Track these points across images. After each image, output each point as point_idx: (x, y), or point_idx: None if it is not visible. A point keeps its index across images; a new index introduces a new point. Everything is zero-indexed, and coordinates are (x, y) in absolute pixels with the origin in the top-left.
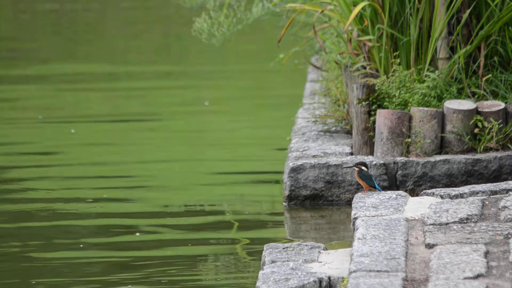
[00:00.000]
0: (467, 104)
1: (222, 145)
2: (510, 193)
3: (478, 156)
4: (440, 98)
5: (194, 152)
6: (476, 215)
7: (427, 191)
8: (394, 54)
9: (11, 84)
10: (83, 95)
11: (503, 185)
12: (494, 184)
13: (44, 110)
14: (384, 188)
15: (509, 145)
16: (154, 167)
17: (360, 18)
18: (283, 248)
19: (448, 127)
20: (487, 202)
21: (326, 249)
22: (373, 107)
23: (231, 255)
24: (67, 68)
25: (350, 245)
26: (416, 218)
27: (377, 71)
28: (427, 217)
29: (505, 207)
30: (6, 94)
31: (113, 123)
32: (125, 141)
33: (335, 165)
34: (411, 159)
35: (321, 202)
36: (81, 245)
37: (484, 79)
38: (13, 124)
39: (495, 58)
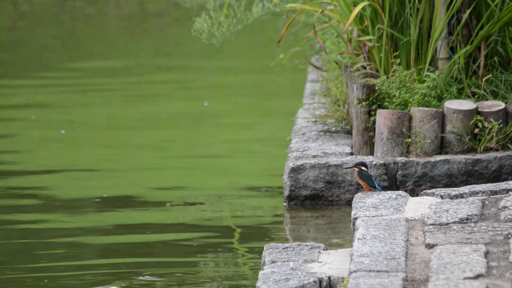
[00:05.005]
0: (467, 104)
1: (221, 145)
2: (510, 193)
3: (478, 156)
4: (440, 98)
5: (193, 152)
6: (476, 215)
7: (427, 191)
8: (394, 54)
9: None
10: (80, 94)
11: (503, 185)
12: (494, 184)
13: (39, 109)
14: (384, 188)
15: (509, 145)
16: (153, 167)
17: (360, 18)
18: (283, 248)
19: (448, 127)
20: (487, 202)
21: (326, 249)
22: (373, 107)
23: (231, 255)
24: (66, 67)
25: (350, 245)
26: (416, 218)
27: (377, 71)
28: (427, 217)
29: (505, 207)
30: (5, 92)
31: (110, 124)
32: (122, 142)
33: (335, 165)
34: (411, 159)
35: (321, 202)
36: (81, 244)
37: (484, 79)
38: (5, 123)
39: (495, 58)
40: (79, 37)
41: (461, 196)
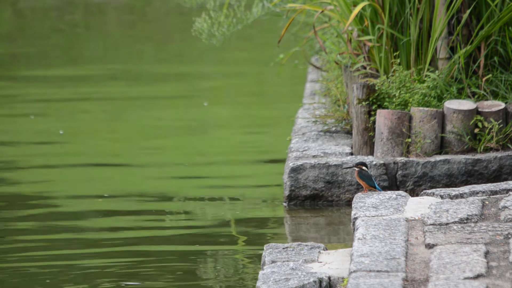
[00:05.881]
0: (467, 104)
1: (222, 145)
2: (510, 193)
3: (478, 156)
4: (440, 98)
5: (194, 153)
6: (476, 215)
7: (427, 191)
8: (394, 54)
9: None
10: (80, 94)
11: (503, 185)
12: (494, 184)
13: (37, 110)
14: (384, 188)
15: (509, 145)
16: (154, 166)
17: (360, 18)
18: (283, 248)
19: (448, 127)
20: (487, 202)
21: (326, 249)
22: (373, 107)
23: (231, 255)
24: (66, 68)
25: (350, 245)
26: (416, 218)
27: (377, 71)
28: (427, 217)
29: (505, 207)
30: (5, 92)
31: (108, 124)
32: (121, 142)
33: (335, 165)
34: (411, 159)
35: (321, 202)
36: (79, 244)
37: (484, 79)
38: (5, 124)
39: (495, 58)
40: (80, 39)
41: (461, 196)
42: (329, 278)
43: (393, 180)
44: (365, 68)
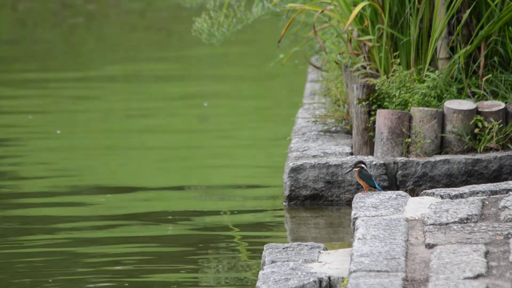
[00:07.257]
0: (467, 104)
1: (222, 145)
2: (510, 193)
3: (478, 156)
4: (440, 98)
5: (193, 153)
6: (476, 215)
7: (427, 191)
8: (394, 54)
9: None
10: (79, 93)
11: (503, 185)
12: (494, 184)
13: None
14: (384, 188)
15: (509, 145)
16: (153, 167)
17: (360, 18)
18: (283, 248)
19: (448, 127)
20: (487, 202)
21: (326, 249)
22: (373, 107)
23: (231, 255)
24: (66, 67)
25: (350, 245)
26: (416, 218)
27: (377, 71)
28: (427, 217)
29: (505, 207)
30: (5, 93)
31: (108, 125)
32: (121, 142)
33: (335, 165)
34: (411, 159)
35: (321, 202)
36: (78, 240)
37: (484, 79)
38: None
39: (495, 58)
40: (79, 37)
41: (461, 196)
42: (329, 278)
43: (393, 180)
44: (365, 68)
